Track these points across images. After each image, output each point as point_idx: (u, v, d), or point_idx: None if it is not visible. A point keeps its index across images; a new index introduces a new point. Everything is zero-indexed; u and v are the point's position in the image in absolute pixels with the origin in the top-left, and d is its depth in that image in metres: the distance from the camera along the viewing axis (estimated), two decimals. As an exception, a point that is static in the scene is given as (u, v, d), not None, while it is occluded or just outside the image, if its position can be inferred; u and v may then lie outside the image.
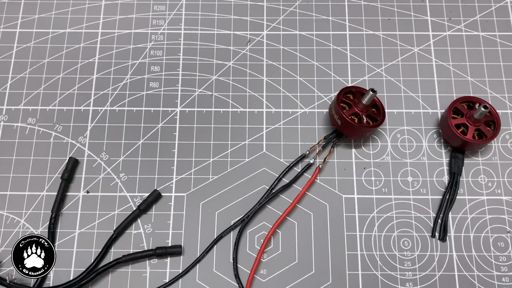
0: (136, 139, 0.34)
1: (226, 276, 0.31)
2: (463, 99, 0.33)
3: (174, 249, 0.31)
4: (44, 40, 0.37)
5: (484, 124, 0.32)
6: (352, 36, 0.37)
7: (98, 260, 0.30)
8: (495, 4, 0.38)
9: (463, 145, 0.32)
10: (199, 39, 0.37)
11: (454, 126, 0.32)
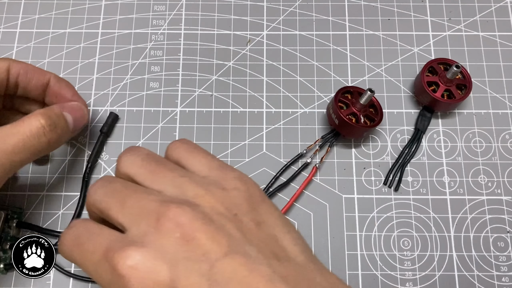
0: (136, 139, 0.34)
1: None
2: (440, 60, 0.34)
3: None
4: (44, 40, 0.37)
5: (456, 87, 0.33)
6: (352, 36, 0.37)
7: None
8: (495, 4, 0.38)
9: (432, 103, 0.33)
10: (199, 39, 0.37)
11: (426, 83, 0.33)
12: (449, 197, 0.33)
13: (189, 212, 0.19)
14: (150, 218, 0.19)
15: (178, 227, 0.19)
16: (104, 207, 0.21)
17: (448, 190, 0.33)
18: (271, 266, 0.18)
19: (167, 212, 0.19)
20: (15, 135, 0.25)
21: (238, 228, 0.20)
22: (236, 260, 0.18)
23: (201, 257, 0.18)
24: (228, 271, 0.18)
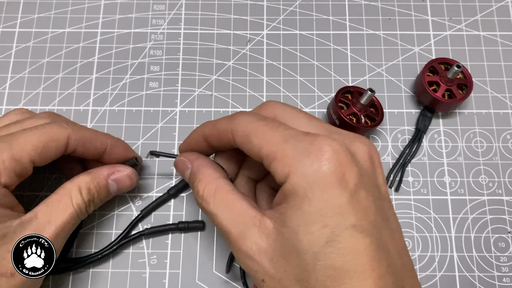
0: (135, 139, 0.34)
1: (226, 277, 0.30)
2: (441, 60, 0.34)
3: (196, 223, 0.31)
4: (44, 39, 0.37)
5: (457, 86, 0.33)
6: (353, 35, 0.37)
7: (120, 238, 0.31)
8: (495, 3, 0.38)
9: (433, 103, 0.33)
10: (199, 39, 0.37)
11: (427, 83, 0.33)
12: (450, 197, 0.33)
13: (372, 145, 0.23)
14: (343, 133, 0.23)
15: (369, 149, 0.22)
16: (286, 115, 0.24)
17: (449, 190, 0.33)
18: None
19: (359, 138, 0.23)
20: (65, 210, 0.26)
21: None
22: (391, 209, 0.22)
23: (378, 186, 0.22)
24: (387, 214, 0.22)
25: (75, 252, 0.31)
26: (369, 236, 0.20)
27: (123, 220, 0.32)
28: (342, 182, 0.20)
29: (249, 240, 0.22)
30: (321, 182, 0.20)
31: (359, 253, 0.19)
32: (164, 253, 0.31)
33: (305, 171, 0.20)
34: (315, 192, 0.20)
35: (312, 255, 0.20)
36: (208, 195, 0.24)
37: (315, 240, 0.20)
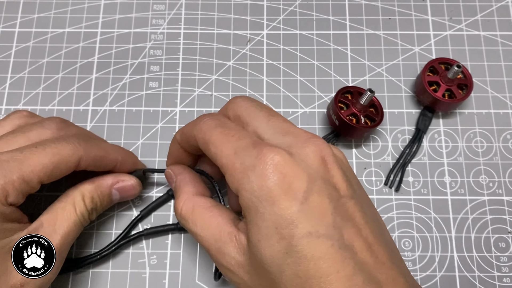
0: (135, 139, 0.34)
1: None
2: (441, 60, 0.34)
3: None
4: (43, 39, 0.37)
5: (457, 86, 0.33)
6: (353, 35, 0.37)
7: (119, 238, 0.31)
8: (496, 3, 0.38)
9: (433, 103, 0.33)
10: (198, 39, 0.37)
11: (427, 83, 0.33)
12: (450, 197, 0.33)
13: (326, 146, 0.22)
14: (297, 135, 0.22)
15: (320, 150, 0.22)
16: (247, 114, 0.24)
17: (449, 191, 0.33)
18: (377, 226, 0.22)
19: (312, 140, 0.22)
20: (69, 218, 0.26)
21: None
22: (354, 206, 0.21)
23: (334, 186, 0.21)
24: (349, 212, 0.21)
25: (75, 252, 0.31)
26: (328, 239, 0.20)
27: (123, 220, 0.32)
28: (289, 192, 0.20)
29: (227, 255, 0.22)
30: (268, 196, 0.20)
31: (320, 258, 0.19)
32: (164, 253, 0.31)
33: (252, 186, 0.21)
34: (265, 206, 0.20)
35: (276, 267, 0.20)
36: (186, 213, 0.25)
37: (275, 253, 0.20)
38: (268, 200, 0.20)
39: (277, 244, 0.20)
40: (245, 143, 0.22)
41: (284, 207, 0.20)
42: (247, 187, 0.21)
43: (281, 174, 0.20)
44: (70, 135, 0.27)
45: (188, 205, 0.25)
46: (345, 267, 0.19)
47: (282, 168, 0.20)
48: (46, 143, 0.25)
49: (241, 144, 0.22)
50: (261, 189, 0.20)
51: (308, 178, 0.21)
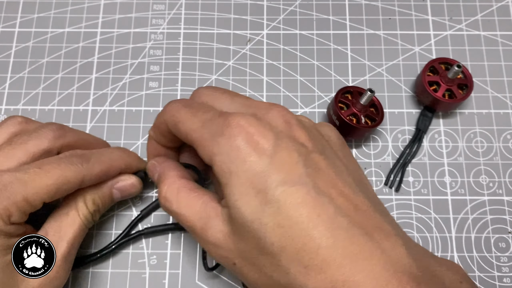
0: (135, 139, 0.34)
1: (226, 277, 0.30)
2: (441, 60, 0.34)
3: None
4: (43, 39, 0.37)
5: (457, 86, 0.33)
6: (353, 35, 0.37)
7: (119, 238, 0.31)
8: (496, 3, 0.38)
9: (433, 103, 0.33)
10: (198, 39, 0.37)
11: (427, 83, 0.33)
12: (450, 197, 0.33)
13: (288, 111, 0.23)
14: (259, 106, 0.23)
15: (283, 114, 0.23)
16: (211, 98, 0.25)
17: (449, 191, 0.33)
18: (347, 173, 0.22)
19: (274, 107, 0.23)
20: (74, 223, 0.27)
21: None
22: (324, 160, 0.22)
23: (302, 143, 0.22)
24: (319, 165, 0.21)
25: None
26: (303, 186, 0.20)
27: (123, 220, 0.32)
28: (257, 149, 0.21)
29: (213, 229, 0.22)
30: (238, 154, 0.21)
31: (299, 204, 0.20)
32: (164, 253, 0.31)
33: (222, 149, 0.22)
34: (237, 165, 0.21)
35: (258, 221, 0.20)
36: (171, 195, 0.25)
37: (255, 208, 0.20)
38: (239, 158, 0.21)
39: (255, 198, 0.20)
40: (211, 115, 0.23)
41: (255, 162, 0.21)
42: (217, 151, 0.22)
43: (248, 133, 0.21)
44: (74, 155, 0.27)
45: (173, 187, 0.25)
46: (326, 210, 0.20)
47: (248, 128, 0.21)
48: (49, 164, 0.25)
49: (207, 116, 0.23)
50: (231, 150, 0.21)
51: (274, 136, 0.21)
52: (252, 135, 0.21)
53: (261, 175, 0.21)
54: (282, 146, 0.21)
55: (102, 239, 0.31)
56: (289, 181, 0.20)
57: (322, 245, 0.19)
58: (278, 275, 0.20)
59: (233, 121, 0.22)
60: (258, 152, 0.21)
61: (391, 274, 0.19)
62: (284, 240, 0.20)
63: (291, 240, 0.20)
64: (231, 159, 0.21)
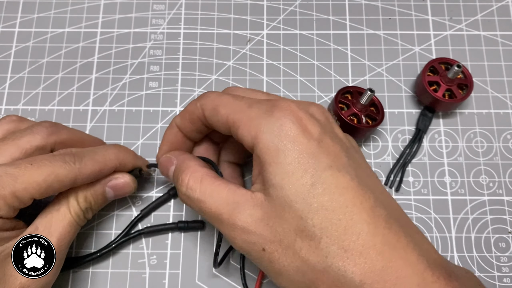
0: (135, 139, 0.34)
1: (226, 277, 0.30)
2: (441, 60, 0.34)
3: (196, 223, 0.31)
4: (43, 39, 0.37)
5: (457, 86, 0.33)
6: (353, 35, 0.37)
7: (119, 237, 0.31)
8: (496, 3, 0.38)
9: (433, 103, 0.33)
10: (198, 39, 0.37)
11: (427, 83, 0.33)
12: (450, 197, 0.33)
13: (326, 110, 0.25)
14: (299, 101, 0.24)
15: (323, 111, 0.24)
16: (246, 92, 0.26)
17: (449, 191, 0.33)
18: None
19: (314, 104, 0.25)
20: (64, 219, 0.26)
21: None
22: (360, 157, 0.24)
23: (341, 139, 0.24)
24: (357, 160, 0.23)
25: (74, 252, 0.31)
26: (348, 174, 0.21)
27: (123, 220, 0.32)
28: (306, 132, 0.22)
29: (243, 214, 0.22)
30: (288, 134, 0.22)
31: (344, 189, 0.21)
32: (164, 253, 0.31)
33: (271, 127, 0.22)
34: (286, 143, 0.21)
35: (302, 201, 0.21)
36: (194, 183, 0.24)
37: (300, 187, 0.21)
38: (288, 138, 0.21)
39: (302, 178, 0.21)
40: (257, 99, 0.24)
41: (304, 143, 0.21)
42: (265, 129, 0.22)
43: (298, 117, 0.22)
44: (67, 153, 0.26)
45: (196, 176, 0.24)
46: (367, 199, 0.21)
47: (298, 112, 0.22)
48: (41, 161, 0.25)
49: (253, 100, 0.24)
50: (281, 129, 0.22)
51: (320, 126, 0.23)
52: (301, 119, 0.22)
53: (310, 156, 0.21)
54: (327, 135, 0.22)
55: (102, 239, 0.31)
56: (335, 166, 0.21)
57: (364, 230, 0.20)
58: (315, 258, 0.20)
59: (284, 103, 0.23)
60: (307, 136, 0.22)
61: (425, 264, 0.20)
62: (327, 222, 0.20)
63: (334, 223, 0.20)
64: (280, 138, 0.22)
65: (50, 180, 0.25)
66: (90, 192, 0.27)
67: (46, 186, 0.25)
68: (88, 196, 0.27)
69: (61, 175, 0.25)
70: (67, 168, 0.25)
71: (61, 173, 0.25)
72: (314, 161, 0.21)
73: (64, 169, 0.25)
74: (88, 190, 0.27)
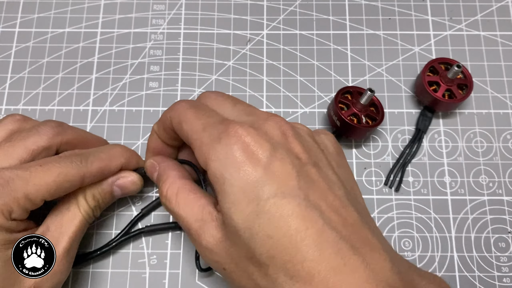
0: (135, 139, 0.34)
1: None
2: (441, 60, 0.34)
3: None
4: (43, 39, 0.37)
5: (457, 86, 0.33)
6: (353, 35, 0.37)
7: (120, 236, 0.31)
8: (496, 3, 0.38)
9: (433, 103, 0.33)
10: (198, 39, 0.37)
11: (427, 83, 0.33)
12: (450, 197, 0.33)
13: (285, 122, 0.24)
14: (259, 115, 0.24)
15: (280, 125, 0.23)
16: (215, 103, 0.26)
17: (449, 191, 0.33)
18: (344, 190, 0.23)
19: (272, 117, 0.24)
20: (75, 218, 0.27)
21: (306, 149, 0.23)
22: (317, 173, 0.22)
23: (296, 155, 0.22)
24: (312, 177, 0.22)
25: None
26: (294, 199, 0.21)
27: (123, 220, 0.32)
28: (253, 159, 0.21)
29: (207, 233, 0.23)
30: (233, 163, 0.21)
31: (289, 217, 0.20)
32: (164, 253, 0.31)
33: (218, 156, 0.22)
34: (232, 173, 0.21)
35: (248, 231, 0.21)
36: (171, 195, 0.25)
37: (245, 217, 0.21)
38: (234, 167, 0.21)
39: (246, 208, 0.21)
40: (213, 120, 0.24)
41: (249, 172, 0.21)
42: (213, 157, 0.22)
43: (245, 143, 0.22)
44: (74, 154, 0.27)
45: (173, 187, 0.25)
46: (314, 224, 0.20)
47: (245, 138, 0.22)
48: (50, 162, 0.26)
49: (209, 121, 0.24)
50: (227, 157, 0.22)
51: (270, 147, 0.22)
52: (248, 145, 0.22)
53: (254, 185, 0.21)
54: (277, 157, 0.22)
55: (102, 239, 0.31)
56: (280, 193, 0.21)
57: (308, 258, 0.20)
58: (265, 284, 0.21)
59: (232, 129, 0.22)
60: (253, 162, 0.21)
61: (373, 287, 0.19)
62: (273, 251, 0.20)
63: (279, 251, 0.20)
64: (225, 167, 0.22)
65: (60, 181, 0.25)
66: (98, 190, 0.28)
67: (57, 187, 0.25)
68: (96, 194, 0.28)
69: (69, 175, 0.26)
70: (75, 168, 0.26)
71: (69, 173, 0.26)
72: (258, 190, 0.21)
73: (72, 169, 0.26)
74: (96, 188, 0.28)
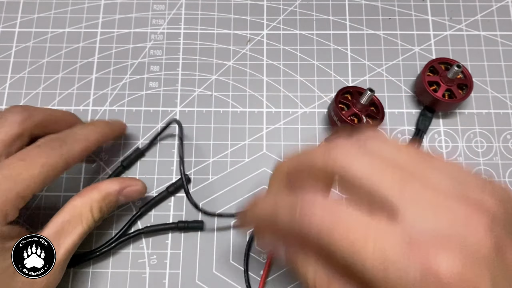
0: (135, 139, 0.34)
1: (226, 277, 0.30)
2: (441, 60, 0.34)
3: (196, 223, 0.31)
4: (43, 39, 0.37)
5: (457, 86, 0.33)
6: (353, 35, 0.37)
7: (119, 235, 0.31)
8: (496, 3, 0.38)
9: (433, 103, 0.33)
10: (198, 39, 0.37)
11: (427, 83, 0.33)
12: (450, 197, 0.32)
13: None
14: (449, 212, 0.15)
15: (491, 231, 0.15)
16: (372, 177, 0.17)
17: (449, 191, 0.33)
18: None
19: (493, 194, 0.16)
20: (74, 232, 0.26)
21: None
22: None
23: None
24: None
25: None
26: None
27: (123, 220, 0.32)
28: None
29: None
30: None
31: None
32: (164, 253, 0.31)
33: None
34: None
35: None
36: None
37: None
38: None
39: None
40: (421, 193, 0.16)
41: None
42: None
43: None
44: (51, 140, 0.26)
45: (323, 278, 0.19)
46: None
47: (458, 276, 0.14)
48: (32, 155, 0.25)
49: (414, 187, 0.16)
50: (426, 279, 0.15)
51: (491, 283, 0.15)
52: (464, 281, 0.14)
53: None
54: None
55: (101, 239, 0.31)
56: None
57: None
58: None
59: (431, 259, 0.15)
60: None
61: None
62: None
63: None
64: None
65: (46, 171, 0.25)
66: (105, 202, 0.28)
67: (44, 178, 0.25)
68: (103, 207, 0.28)
69: (54, 163, 0.25)
70: (57, 154, 0.25)
71: (53, 161, 0.25)
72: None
73: (55, 156, 0.25)
74: (103, 201, 0.28)
